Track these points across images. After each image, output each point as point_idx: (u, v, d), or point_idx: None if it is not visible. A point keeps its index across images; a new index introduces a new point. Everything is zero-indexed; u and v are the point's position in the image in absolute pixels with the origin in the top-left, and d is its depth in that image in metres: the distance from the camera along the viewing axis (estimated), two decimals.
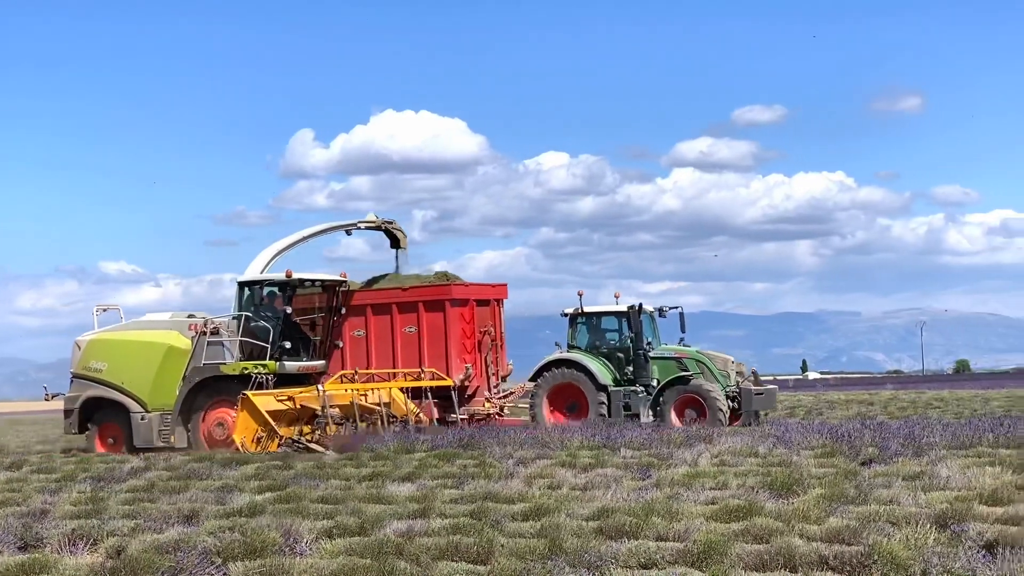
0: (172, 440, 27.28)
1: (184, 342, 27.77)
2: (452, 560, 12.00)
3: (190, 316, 28.55)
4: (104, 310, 30.48)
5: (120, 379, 28.17)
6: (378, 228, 33.50)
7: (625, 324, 30.64)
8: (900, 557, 10.80)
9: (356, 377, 27.88)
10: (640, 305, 30.42)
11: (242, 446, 24.51)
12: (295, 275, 27.35)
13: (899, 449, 18.82)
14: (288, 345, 27.26)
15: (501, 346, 32.41)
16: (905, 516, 12.76)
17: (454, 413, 29.64)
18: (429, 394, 29.34)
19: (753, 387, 29.87)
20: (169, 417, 27.49)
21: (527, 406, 31.80)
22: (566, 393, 30.42)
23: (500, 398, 31.98)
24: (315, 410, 25.54)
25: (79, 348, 28.89)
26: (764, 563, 11.17)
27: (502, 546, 12.26)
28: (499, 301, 32.91)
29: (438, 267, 33.60)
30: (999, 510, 13.03)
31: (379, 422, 26.56)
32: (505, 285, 33.69)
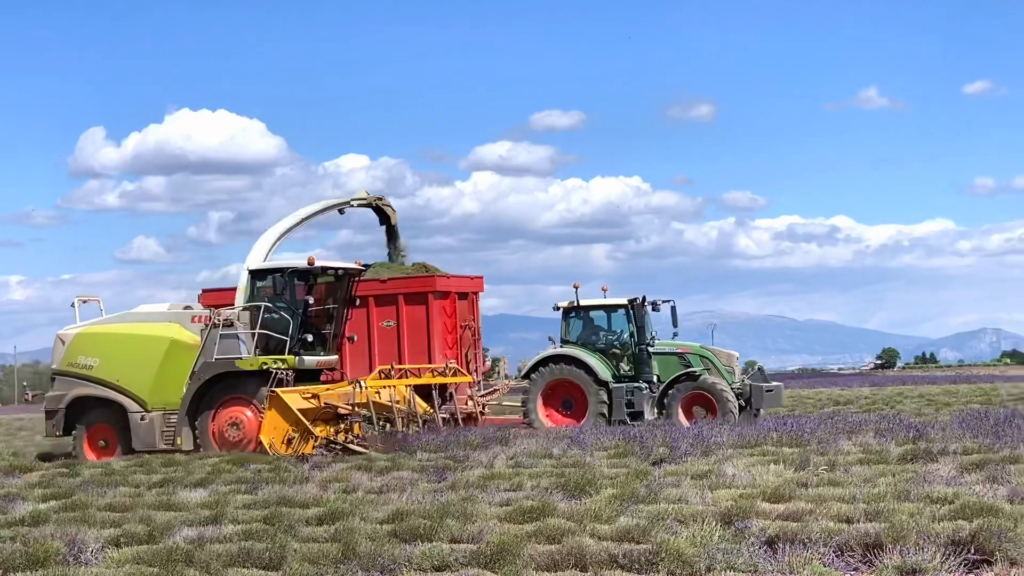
0: (178, 442, 24.64)
1: (187, 335, 25.29)
2: (243, 567, 11.86)
3: (187, 308, 26.32)
4: (84, 301, 27.35)
5: (115, 376, 25.47)
6: (368, 205, 31.45)
7: (624, 318, 29.26)
8: (686, 554, 11.08)
9: (393, 372, 25.85)
10: (643, 298, 29.04)
11: (270, 448, 22.60)
12: (317, 262, 25.09)
13: (688, 449, 19.25)
14: (310, 338, 25.43)
15: (479, 341, 31.15)
16: (692, 514, 13.06)
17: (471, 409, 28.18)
18: (455, 391, 27.51)
19: (763, 384, 28.84)
20: (173, 417, 24.93)
21: (511, 404, 30.42)
22: (561, 390, 28.83)
23: (482, 396, 30.17)
24: (337, 408, 23.52)
25: (63, 343, 26.10)
26: (556, 563, 11.32)
27: (295, 551, 12.15)
28: (476, 294, 31.66)
29: (234, 269, 32.42)
30: (781, 507, 13.46)
31: (403, 420, 24.82)
32: (481, 278, 32.42)
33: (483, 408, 29.80)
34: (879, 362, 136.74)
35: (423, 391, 26.42)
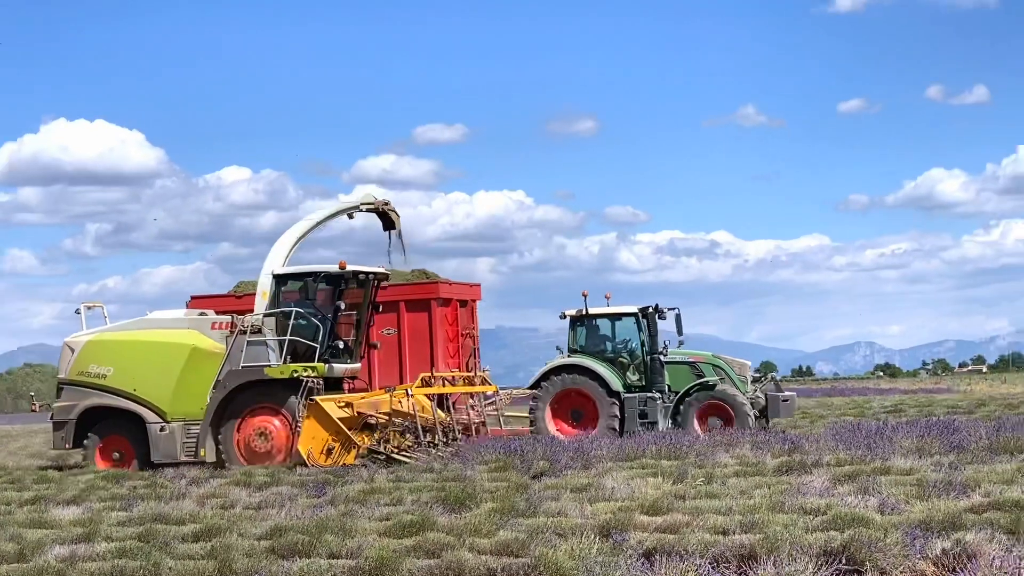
0: (201, 453, 23.68)
1: (207, 342, 24.31)
2: None
3: (202, 314, 25.27)
4: (89, 308, 25.97)
5: (132, 385, 24.35)
6: (375, 210, 29.52)
7: (635, 326, 28.53)
8: (565, 567, 11.14)
9: (433, 381, 25.05)
10: (656, 306, 28.54)
11: (308, 458, 21.95)
12: (349, 267, 24.25)
13: (569, 462, 19.35)
14: (340, 345, 24.59)
15: (478, 350, 30.48)
16: (571, 527, 13.13)
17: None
18: (456, 401, 26.85)
19: (779, 394, 28.60)
20: (194, 427, 23.91)
21: (512, 415, 29.81)
22: (570, 401, 28.06)
23: (484, 406, 29.15)
24: (368, 417, 22.89)
25: (72, 351, 24.92)
26: None
27: (170, 569, 12.00)
28: (475, 302, 31.02)
29: (112, 282, 31.47)
30: (659, 519, 13.60)
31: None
32: (479, 285, 31.82)
33: (484, 419, 29.11)
34: (757, 375, 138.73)
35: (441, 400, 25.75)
